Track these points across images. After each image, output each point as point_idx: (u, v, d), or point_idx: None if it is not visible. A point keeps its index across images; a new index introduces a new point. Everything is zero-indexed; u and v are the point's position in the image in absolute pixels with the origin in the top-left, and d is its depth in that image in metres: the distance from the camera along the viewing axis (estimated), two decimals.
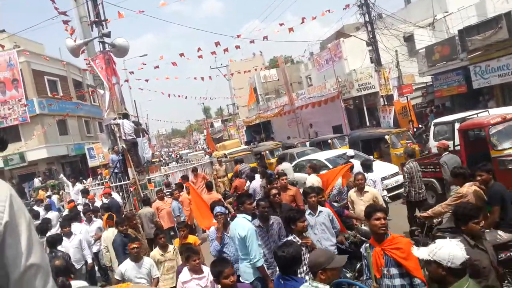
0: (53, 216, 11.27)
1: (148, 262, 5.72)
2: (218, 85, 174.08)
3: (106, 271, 8.64)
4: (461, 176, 5.68)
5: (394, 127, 17.54)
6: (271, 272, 5.02)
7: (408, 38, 23.37)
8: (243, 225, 4.99)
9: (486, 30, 15.86)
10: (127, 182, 12.26)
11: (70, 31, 12.87)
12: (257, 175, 11.03)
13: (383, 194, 8.70)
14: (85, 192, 12.55)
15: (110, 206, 9.83)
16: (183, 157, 37.64)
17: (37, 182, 24.42)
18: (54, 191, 18.70)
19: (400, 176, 10.64)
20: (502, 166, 7.93)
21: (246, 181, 11.58)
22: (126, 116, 12.87)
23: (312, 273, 3.29)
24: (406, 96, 19.49)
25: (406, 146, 12.63)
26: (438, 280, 2.64)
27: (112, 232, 7.36)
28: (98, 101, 24.18)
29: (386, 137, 13.76)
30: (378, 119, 22.34)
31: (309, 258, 3.66)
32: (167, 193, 11.36)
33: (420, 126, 19.02)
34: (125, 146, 12.35)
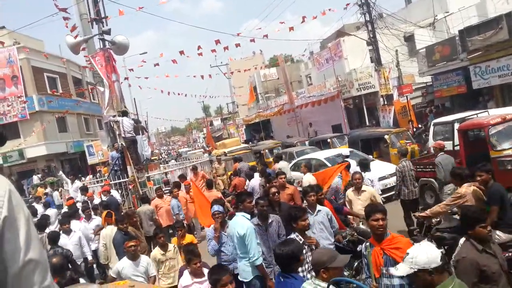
0: (51, 213, 11.26)
1: (145, 260, 5.68)
2: (218, 83, 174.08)
3: (104, 269, 8.64)
4: (458, 176, 5.66)
5: (393, 127, 17.54)
6: (270, 270, 5.02)
7: (408, 38, 23.38)
8: (242, 223, 4.97)
9: (486, 30, 15.87)
10: (126, 179, 12.26)
11: (71, 28, 12.86)
12: (256, 174, 11.02)
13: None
14: (84, 189, 12.58)
15: (109, 204, 9.83)
16: (183, 155, 37.62)
17: (36, 179, 24.37)
18: (55, 188, 18.70)
19: None
20: (502, 166, 7.94)
21: (245, 179, 11.58)
22: (125, 113, 12.85)
23: (314, 271, 3.30)
24: (406, 96, 19.50)
25: (404, 146, 12.63)
26: (427, 285, 2.65)
27: (111, 229, 7.34)
28: (98, 98, 24.15)
29: (386, 136, 13.76)
30: (378, 119, 22.35)
31: (312, 256, 3.66)
32: (166, 191, 11.35)
33: (419, 126, 19.05)
34: (124, 144, 12.35)
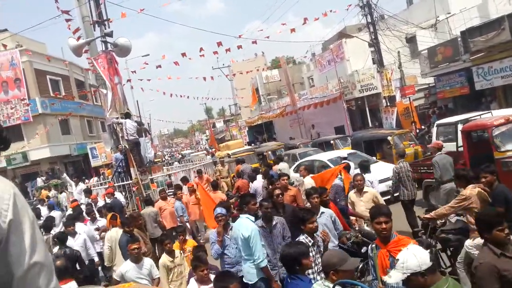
0: (56, 215, 11.29)
1: (148, 262, 5.68)
2: (220, 85, 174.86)
3: (109, 271, 8.64)
4: (463, 178, 5.65)
5: (396, 128, 17.52)
6: (275, 273, 5.02)
7: (410, 39, 23.38)
8: (247, 225, 4.97)
9: (488, 31, 15.85)
10: (130, 182, 12.28)
11: (74, 31, 12.89)
12: (259, 176, 11.02)
13: None
14: (87, 191, 12.60)
15: (113, 206, 9.84)
16: (186, 157, 37.63)
17: (40, 181, 24.40)
18: (62, 190, 18.76)
19: None
20: (505, 167, 7.91)
21: (248, 181, 11.58)
22: (128, 115, 12.87)
23: (324, 273, 3.30)
24: (409, 97, 19.47)
25: (407, 147, 12.61)
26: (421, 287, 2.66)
27: (116, 231, 7.35)
28: (101, 100, 24.21)
29: (389, 138, 13.73)
30: (381, 120, 22.33)
31: (322, 258, 3.66)
32: (170, 193, 11.36)
33: (422, 127, 19.02)
34: (127, 146, 12.37)
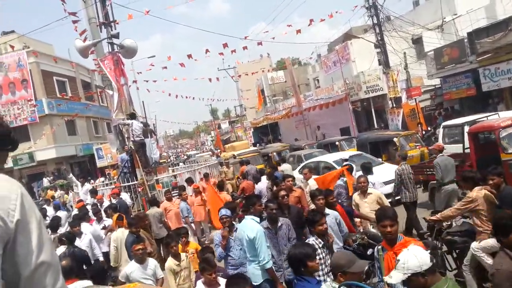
0: (62, 215, 11.35)
1: (152, 263, 5.69)
2: (226, 86, 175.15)
3: (115, 271, 8.67)
4: (470, 180, 5.60)
5: (402, 130, 17.46)
6: (280, 274, 5.00)
7: (416, 41, 23.29)
8: (252, 226, 4.95)
9: (495, 32, 15.76)
10: (136, 182, 12.32)
11: (81, 32, 12.97)
12: (263, 177, 11.01)
13: None
14: (93, 192, 12.65)
15: (118, 207, 9.88)
16: (191, 158, 37.68)
17: (46, 181, 24.58)
18: (70, 190, 18.90)
19: None
20: None
21: (253, 183, 11.57)
22: (134, 116, 12.92)
23: (332, 274, 3.30)
24: (415, 98, 19.39)
25: (408, 150, 12.56)
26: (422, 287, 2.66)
27: (122, 232, 7.37)
28: (107, 102, 24.30)
29: (395, 139, 13.67)
30: (386, 122, 22.25)
31: (331, 259, 3.66)
32: (174, 194, 11.37)
33: (429, 128, 18.95)
34: (133, 147, 12.41)
